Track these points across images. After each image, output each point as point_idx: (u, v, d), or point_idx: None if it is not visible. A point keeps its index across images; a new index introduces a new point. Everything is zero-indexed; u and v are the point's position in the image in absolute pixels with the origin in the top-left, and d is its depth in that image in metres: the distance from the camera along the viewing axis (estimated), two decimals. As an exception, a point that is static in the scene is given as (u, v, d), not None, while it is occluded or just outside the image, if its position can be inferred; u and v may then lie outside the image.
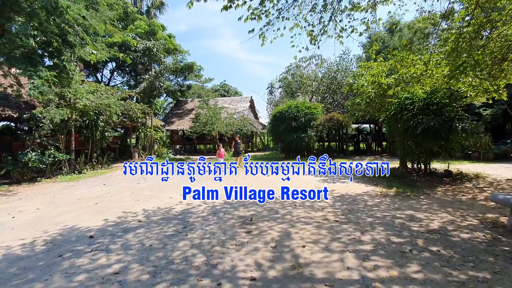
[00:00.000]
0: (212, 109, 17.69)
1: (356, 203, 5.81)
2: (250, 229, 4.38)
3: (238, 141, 13.28)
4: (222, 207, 5.71)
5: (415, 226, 4.28)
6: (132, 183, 9.06)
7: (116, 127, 14.69)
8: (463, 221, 4.48)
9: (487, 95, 8.49)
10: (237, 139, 13.30)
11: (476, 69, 6.19)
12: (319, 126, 16.41)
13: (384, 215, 4.91)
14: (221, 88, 35.47)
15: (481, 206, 5.35)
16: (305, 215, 5.01)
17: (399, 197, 6.24)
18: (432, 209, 5.21)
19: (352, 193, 6.79)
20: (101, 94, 11.98)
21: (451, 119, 7.59)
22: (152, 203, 6.28)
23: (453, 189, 6.87)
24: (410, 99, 8.07)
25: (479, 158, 12.64)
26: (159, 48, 16.43)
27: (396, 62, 7.12)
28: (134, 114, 13.83)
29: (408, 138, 7.98)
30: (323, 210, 5.33)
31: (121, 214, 5.54)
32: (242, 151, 13.54)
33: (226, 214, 5.20)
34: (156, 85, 16.32)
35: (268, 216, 5.04)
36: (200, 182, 8.83)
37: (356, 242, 3.74)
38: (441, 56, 7.31)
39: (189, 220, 4.91)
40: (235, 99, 27.54)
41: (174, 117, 26.12)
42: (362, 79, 9.73)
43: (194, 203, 6.12)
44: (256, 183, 8.42)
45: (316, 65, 22.76)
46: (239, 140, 13.36)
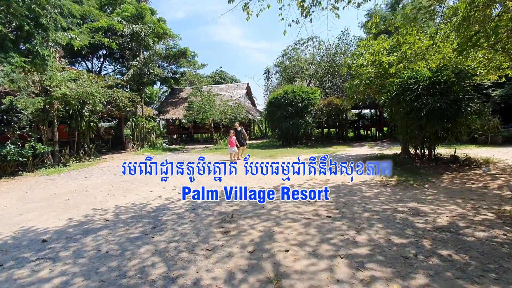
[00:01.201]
0: (205, 96, 16.89)
1: (352, 194, 5.18)
2: (228, 228, 3.78)
3: (239, 128, 11.38)
4: (203, 202, 5.11)
5: (420, 222, 3.66)
6: (115, 176, 8.47)
7: (103, 116, 13.98)
8: (476, 215, 3.85)
9: (500, 72, 7.71)
10: (237, 126, 11.50)
11: (491, 39, 5.41)
12: (317, 112, 15.66)
13: (384, 208, 4.29)
14: (217, 75, 34.42)
15: (495, 196, 4.71)
16: (294, 210, 4.40)
17: (401, 187, 5.60)
18: (438, 200, 4.58)
19: (349, 182, 6.16)
20: (83, 81, 11.21)
21: (459, 99, 6.86)
22: (128, 198, 5.69)
23: (461, 177, 6.22)
24: (413, 78, 7.31)
25: (486, 142, 11.92)
26: (147, 32, 15.48)
27: (398, 35, 6.32)
28: (121, 102, 13.10)
29: (411, 121, 7.27)
30: (315, 203, 4.71)
31: (89, 211, 4.96)
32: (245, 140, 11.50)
33: (206, 210, 4.60)
34: (145, 72, 15.48)
35: (252, 211, 4.44)
36: (186, 175, 8.24)
37: (349, 244, 3.13)
38: (450, 28, 6.49)
39: (162, 219, 4.31)
40: (231, 86, 26.64)
41: (169, 106, 25.36)
42: (361, 58, 8.93)
43: (174, 198, 5.53)
44: (249, 176, 7.81)
45: (314, 47, 21.71)
46: (239, 127, 11.46)
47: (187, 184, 6.76)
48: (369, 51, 8.69)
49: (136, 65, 15.07)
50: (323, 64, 20.02)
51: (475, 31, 5.16)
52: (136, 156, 13.74)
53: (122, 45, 15.97)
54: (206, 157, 12.41)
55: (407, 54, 7.60)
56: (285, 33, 5.96)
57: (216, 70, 35.76)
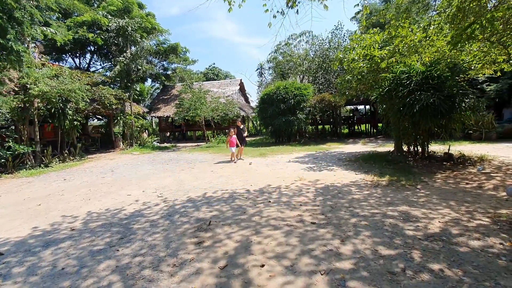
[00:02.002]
0: (196, 93, 16.45)
1: (341, 196, 4.89)
2: (203, 238, 3.46)
3: (241, 126, 10.50)
4: (182, 207, 4.77)
5: (410, 229, 3.37)
6: (97, 177, 8.09)
7: (89, 115, 13.47)
8: (471, 219, 3.57)
9: (495, 66, 7.45)
10: (239, 123, 10.57)
11: (487, 31, 5.12)
12: (310, 108, 15.34)
13: (373, 213, 3.99)
14: (210, 72, 33.84)
15: (491, 197, 4.45)
16: (277, 216, 4.09)
17: (392, 187, 5.32)
18: (431, 203, 4.30)
19: (339, 183, 5.87)
20: (64, 78, 10.73)
21: (453, 94, 6.58)
22: (103, 203, 5.33)
23: (455, 176, 5.96)
24: (406, 73, 7.01)
25: (480, 138, 11.73)
26: (134, 27, 14.95)
27: (390, 28, 6.00)
28: (107, 100, 12.63)
29: (403, 118, 6.99)
30: (300, 208, 4.41)
31: (58, 219, 4.60)
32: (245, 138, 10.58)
33: (183, 217, 4.26)
34: (133, 68, 14.97)
35: (232, 217, 4.12)
36: (173, 174, 7.89)
37: (332, 256, 2.83)
38: (444, 20, 6.18)
39: (133, 227, 3.97)
40: (224, 82, 26.18)
41: (161, 103, 24.86)
42: (353, 53, 8.60)
43: (152, 202, 5.18)
44: (236, 177, 7.49)
45: (306, 42, 21.30)
46: (241, 125, 10.57)
47: (170, 186, 6.42)
48: (361, 45, 8.36)
49: (123, 61, 14.55)
50: (316, 60, 19.66)
51: (470, 22, 4.86)
52: (123, 156, 13.32)
53: (108, 40, 15.41)
54: (196, 156, 12.06)
55: (399, 48, 7.30)
56: (270, 25, 5.59)
57: (209, 66, 35.17)
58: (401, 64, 7.30)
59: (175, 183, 6.68)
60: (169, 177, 7.46)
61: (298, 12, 5.57)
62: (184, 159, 10.93)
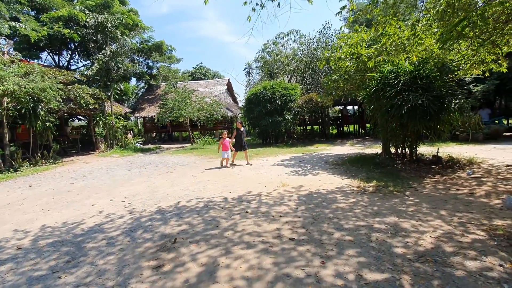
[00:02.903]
0: (180, 92, 15.84)
1: (325, 205, 4.50)
2: (164, 260, 2.99)
3: (242, 129, 9.19)
4: (149, 219, 4.27)
5: (399, 246, 3.00)
6: (65, 184, 7.47)
7: (64, 115, 12.67)
8: (465, 234, 3.23)
9: (484, 66, 7.24)
10: (239, 125, 9.23)
11: (477, 28, 4.84)
12: (298, 109, 15.00)
13: (358, 226, 3.61)
14: (197, 71, 33.13)
15: (483, 205, 4.14)
16: (252, 230, 3.65)
17: (380, 194, 4.98)
18: (421, 213, 3.96)
19: (324, 189, 5.49)
20: (34, 76, 10.00)
21: (442, 95, 6.31)
22: (63, 215, 4.78)
23: (444, 181, 5.68)
24: (394, 73, 6.71)
25: (467, 139, 11.64)
26: (114, 23, 14.23)
27: (377, 24, 5.66)
28: (82, 100, 11.91)
29: (391, 119, 6.69)
30: (279, 219, 3.98)
31: (8, 234, 4.05)
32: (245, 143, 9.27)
33: (146, 233, 3.77)
34: (113, 66, 14.25)
35: (202, 233, 3.66)
36: (148, 180, 7.35)
37: (310, 285, 2.41)
38: (433, 16, 5.89)
39: (86, 246, 3.46)
40: (211, 82, 25.61)
41: (145, 103, 24.09)
42: (340, 51, 8.26)
43: (117, 214, 4.66)
44: (215, 183, 7.03)
45: (294, 41, 20.98)
46: (242, 128, 9.24)
47: (142, 193, 5.90)
48: (348, 43, 8.04)
49: (102, 59, 13.81)
50: (304, 59, 19.35)
51: (460, 18, 4.55)
52: (101, 159, 12.63)
53: (86, 37, 14.63)
54: (178, 158, 11.50)
55: (387, 46, 7.00)
56: (249, 19, 5.17)
57: (196, 65, 34.44)
58: (388, 63, 7.00)
59: (148, 190, 6.16)
60: (143, 183, 6.93)
61: (279, 5, 5.17)
62: (164, 162, 10.37)
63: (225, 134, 9.07)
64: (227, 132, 9.22)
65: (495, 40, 5.96)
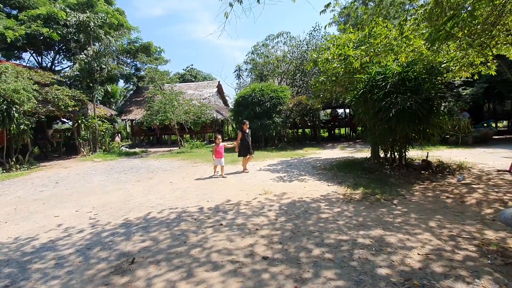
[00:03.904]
0: (166, 94, 15.37)
1: (307, 216, 4.15)
2: (115, 285, 2.58)
3: (247, 131, 8.24)
4: (111, 234, 3.85)
5: (383, 265, 2.66)
6: (34, 191, 6.95)
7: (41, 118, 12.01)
8: (455, 249, 2.92)
9: (472, 69, 7.06)
10: (244, 127, 8.22)
11: (468, 27, 4.61)
12: (287, 112, 14.71)
13: (340, 240, 3.27)
14: (187, 73, 32.64)
15: (475, 215, 3.86)
16: (223, 247, 3.27)
17: (366, 203, 4.66)
18: (408, 224, 3.65)
19: (308, 197, 5.15)
20: (6, 77, 9.44)
21: (431, 97, 6.07)
22: (18, 228, 4.31)
23: (434, 187, 5.41)
24: (382, 74, 6.45)
25: (457, 142, 11.51)
26: (98, 22, 13.74)
27: (362, 22, 5.40)
28: (61, 102, 11.35)
29: (379, 122, 6.42)
30: (255, 233, 3.61)
31: None
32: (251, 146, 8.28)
33: (103, 251, 3.35)
34: (95, 67, 13.72)
35: (166, 250, 3.25)
36: (124, 187, 6.90)
37: (277, 318, 2.04)
38: (421, 16, 5.66)
39: (32, 267, 3.02)
40: (201, 84, 25.19)
41: (133, 105, 23.48)
42: (327, 52, 8.00)
43: (77, 227, 4.22)
44: (194, 190, 6.63)
45: (284, 43, 20.78)
46: (247, 129, 8.28)
47: (113, 203, 5.46)
48: (335, 44, 7.78)
49: (83, 59, 13.28)
50: (294, 61, 19.14)
51: (449, 16, 4.30)
52: (82, 163, 12.06)
53: (67, 36, 14.08)
54: (161, 163, 11.04)
55: (374, 48, 6.77)
56: (227, 15, 4.83)
57: (187, 67, 33.95)
58: (376, 64, 6.75)
59: (121, 199, 5.72)
60: (118, 191, 6.47)
61: (259, 1, 4.84)
62: (146, 167, 9.90)
63: (220, 139, 8.00)
64: (220, 137, 8.24)
65: (484, 42, 5.76)
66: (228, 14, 4.73)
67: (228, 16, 4.81)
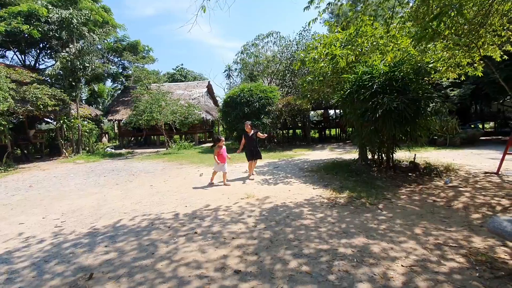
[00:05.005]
0: (153, 94, 14.96)
1: (287, 223, 3.91)
2: (64, 307, 2.28)
3: (251, 132, 7.50)
4: (73, 245, 3.53)
5: (364, 280, 2.44)
6: (6, 195, 6.54)
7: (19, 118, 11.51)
8: (442, 260, 2.72)
9: (459, 69, 6.98)
10: (248, 129, 7.50)
11: (454, 26, 4.47)
12: (276, 112, 14.50)
13: (320, 250, 3.04)
14: (177, 73, 32.14)
15: (462, 220, 3.69)
16: (193, 259, 3.00)
17: (351, 207, 4.46)
18: (393, 232, 3.45)
19: (291, 202, 4.92)
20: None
21: (418, 98, 5.93)
22: (-26, 239, 3.94)
23: (421, 190, 5.25)
24: (369, 74, 6.28)
25: (445, 143, 11.51)
26: (81, 19, 13.26)
27: (347, 19, 5.22)
28: (40, 101, 10.86)
29: (366, 123, 6.25)
30: (230, 243, 3.36)
31: None
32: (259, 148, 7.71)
33: (61, 264, 3.04)
34: (78, 66, 13.22)
35: (131, 263, 2.97)
36: (100, 191, 6.54)
37: None
38: (407, 14, 5.52)
39: (-26, 286, 2.70)
40: (191, 84, 24.79)
41: (120, 105, 22.91)
42: (315, 51, 7.81)
43: (38, 236, 3.88)
44: (174, 195, 6.34)
45: (274, 43, 20.57)
46: (252, 131, 7.54)
47: (84, 208, 5.12)
48: (323, 43, 7.60)
49: (65, 57, 12.78)
50: (284, 62, 18.97)
51: (437, 13, 4.14)
52: (62, 165, 11.57)
53: (48, 33, 13.55)
54: (145, 165, 10.68)
55: (362, 47, 6.61)
56: (204, 9, 4.56)
57: (177, 67, 33.44)
58: (362, 63, 6.58)
59: (94, 205, 5.38)
60: (93, 195, 6.12)
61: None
62: (128, 170, 9.52)
63: (223, 140, 6.86)
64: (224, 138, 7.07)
65: (472, 41, 5.66)
66: (197, 4, 4.47)
67: (206, 11, 4.55)
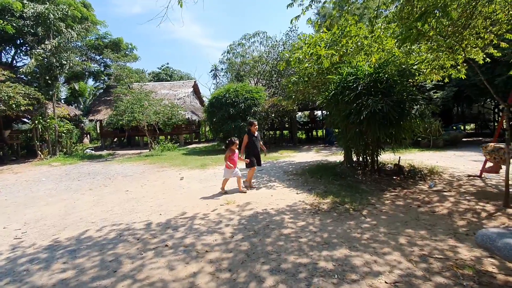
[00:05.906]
0: (134, 93, 14.44)
1: (267, 233, 3.67)
2: None
3: (256, 134, 6.37)
4: (29, 260, 3.16)
5: (344, 300, 2.23)
6: (-37, 203, 6.00)
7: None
8: (428, 275, 2.55)
9: (443, 72, 6.96)
10: (253, 129, 6.31)
11: (439, 26, 4.36)
12: (263, 113, 14.30)
13: (299, 265, 2.82)
14: (162, 72, 31.44)
15: (447, 228, 3.56)
16: (159, 277, 2.71)
17: (334, 214, 4.27)
18: (377, 242, 3.27)
19: (272, 208, 4.69)
20: None
21: (403, 100, 5.84)
22: None
23: (405, 195, 5.13)
24: (353, 75, 6.15)
25: (428, 145, 11.61)
26: (58, 14, 12.61)
27: (330, 18, 5.05)
28: (12, 100, 10.21)
29: (350, 125, 6.11)
30: (203, 257, 3.08)
31: None
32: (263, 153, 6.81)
33: (12, 284, 2.68)
34: (55, 63, 12.56)
35: (88, 284, 2.64)
36: (71, 197, 6.11)
37: None
38: (391, 15, 5.41)
39: None
40: (176, 83, 24.27)
41: (102, 105, 22.16)
42: (300, 51, 7.63)
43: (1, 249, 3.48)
44: (150, 201, 6.00)
45: (260, 43, 20.39)
46: (256, 132, 6.41)
47: (50, 217, 4.71)
48: (307, 42, 7.43)
49: (41, 54, 12.11)
50: (270, 62, 18.81)
51: (421, 13, 4.01)
52: (36, 168, 10.94)
53: (23, 29, 12.83)
54: (124, 168, 10.22)
55: (347, 48, 6.47)
56: (181, 4, 4.27)
57: (162, 66, 32.71)
58: (347, 64, 6.45)
59: (61, 213, 4.97)
60: (62, 202, 5.70)
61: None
62: (105, 173, 9.06)
63: (237, 144, 5.95)
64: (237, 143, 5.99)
65: (455, 43, 5.60)
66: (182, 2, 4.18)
67: (182, 5, 4.26)
